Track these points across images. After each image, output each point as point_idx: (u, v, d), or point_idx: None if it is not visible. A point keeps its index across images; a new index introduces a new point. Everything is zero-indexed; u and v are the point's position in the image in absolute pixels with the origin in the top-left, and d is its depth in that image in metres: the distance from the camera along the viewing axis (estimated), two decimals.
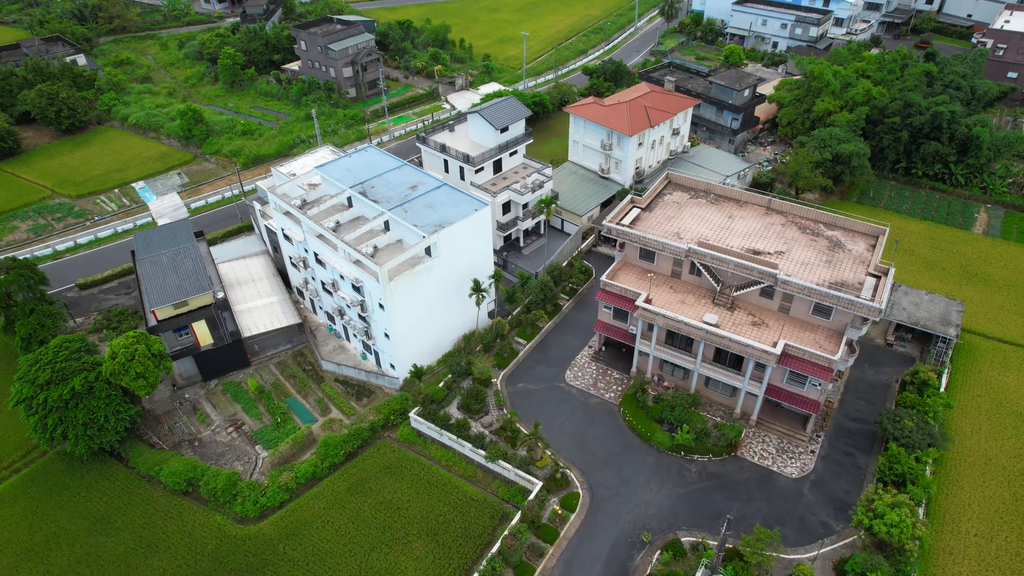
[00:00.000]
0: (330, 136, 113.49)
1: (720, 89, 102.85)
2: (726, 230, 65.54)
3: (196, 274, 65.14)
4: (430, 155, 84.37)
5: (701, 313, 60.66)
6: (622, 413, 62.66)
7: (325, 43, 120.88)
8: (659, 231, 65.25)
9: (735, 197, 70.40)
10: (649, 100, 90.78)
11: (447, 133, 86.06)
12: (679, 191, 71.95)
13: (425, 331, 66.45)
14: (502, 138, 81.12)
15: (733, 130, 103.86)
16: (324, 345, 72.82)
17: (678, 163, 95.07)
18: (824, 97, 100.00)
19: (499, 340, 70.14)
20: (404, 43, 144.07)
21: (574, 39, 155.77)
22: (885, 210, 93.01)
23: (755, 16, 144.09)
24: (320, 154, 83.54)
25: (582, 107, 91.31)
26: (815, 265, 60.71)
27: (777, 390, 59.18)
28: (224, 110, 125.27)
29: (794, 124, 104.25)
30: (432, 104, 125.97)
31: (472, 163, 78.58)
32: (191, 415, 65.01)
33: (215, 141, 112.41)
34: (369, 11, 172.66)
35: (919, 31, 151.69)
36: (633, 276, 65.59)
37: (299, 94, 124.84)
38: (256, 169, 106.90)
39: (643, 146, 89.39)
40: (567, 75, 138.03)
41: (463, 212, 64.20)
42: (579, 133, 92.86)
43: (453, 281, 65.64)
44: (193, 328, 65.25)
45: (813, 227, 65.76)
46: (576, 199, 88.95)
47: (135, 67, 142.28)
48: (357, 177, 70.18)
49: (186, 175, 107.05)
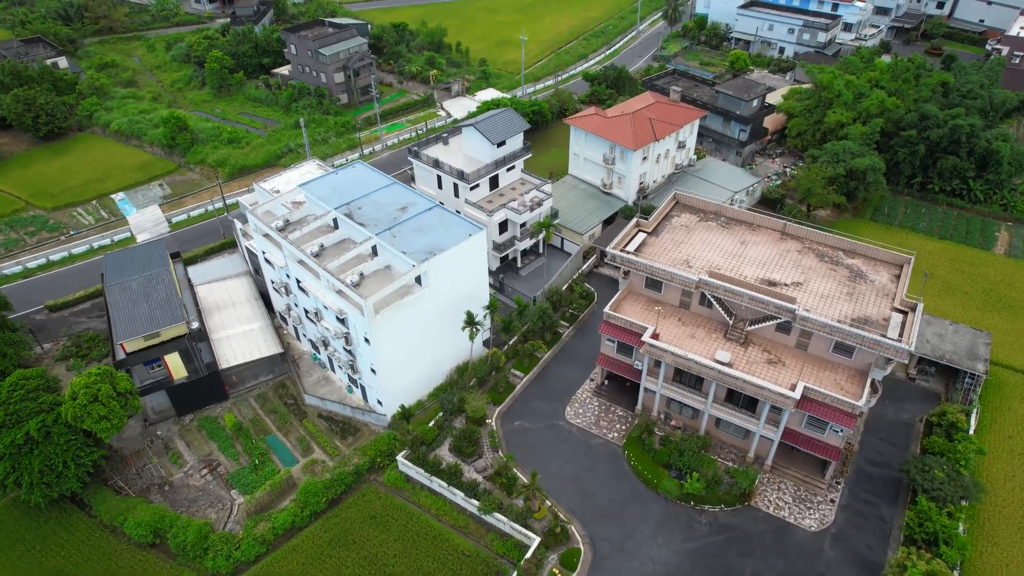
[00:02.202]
0: (320, 145, 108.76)
1: (727, 99, 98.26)
2: (739, 257, 61.01)
3: (169, 303, 60.47)
4: (422, 170, 79.75)
5: (713, 350, 56.15)
6: (627, 456, 58.16)
7: (315, 47, 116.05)
8: (667, 259, 60.72)
9: (747, 220, 65.85)
10: (654, 111, 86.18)
11: (440, 147, 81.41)
12: (687, 213, 67.39)
13: (415, 364, 61.91)
14: (499, 153, 76.52)
15: (741, 142, 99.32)
16: (308, 376, 68.21)
17: (684, 177, 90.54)
18: (836, 108, 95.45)
19: (494, 373, 65.60)
20: (399, 46, 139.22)
21: (574, 43, 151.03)
22: (901, 228, 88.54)
23: (761, 20, 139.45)
24: (306, 168, 78.88)
25: (583, 119, 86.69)
26: (836, 298, 56.22)
27: (795, 435, 54.72)
28: (211, 116, 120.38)
29: (804, 135, 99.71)
30: (427, 111, 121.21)
31: (467, 180, 73.97)
32: (162, 455, 60.37)
33: (200, 150, 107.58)
34: (363, 12, 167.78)
35: (930, 36, 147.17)
36: (639, 306, 61.07)
37: (289, 100, 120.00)
38: (242, 180, 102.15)
39: (647, 160, 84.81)
40: (567, 81, 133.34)
41: (456, 237, 59.60)
42: (580, 146, 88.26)
43: (445, 311, 61.07)
44: (165, 361, 60.60)
45: (832, 255, 61.25)
46: (577, 216, 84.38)
47: (120, 70, 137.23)
48: (343, 196, 65.53)
49: (169, 186, 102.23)
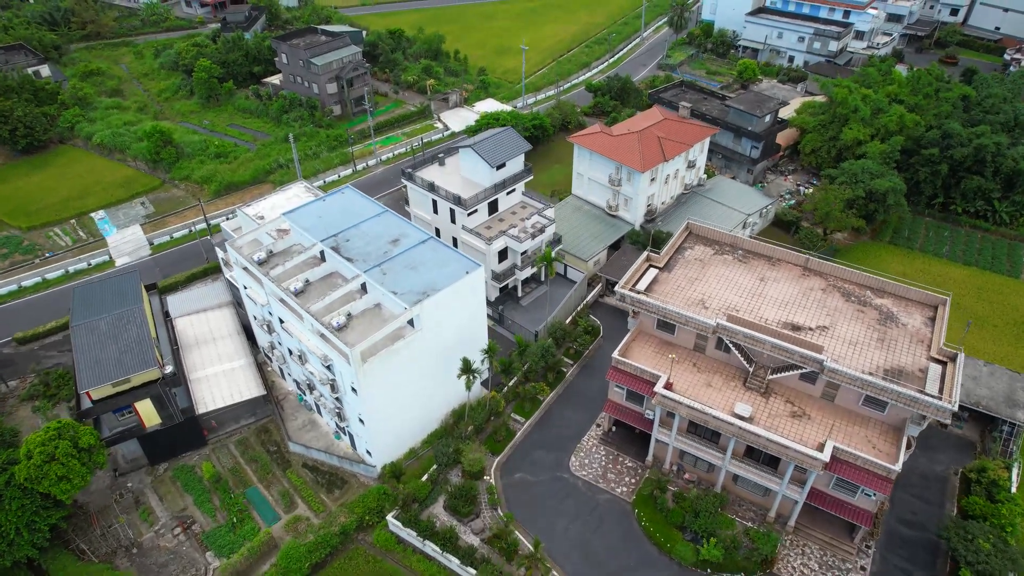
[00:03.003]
0: (311, 160, 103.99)
1: (738, 114, 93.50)
2: (758, 296, 56.30)
3: (140, 344, 55.68)
4: (417, 193, 74.97)
5: (731, 401, 51.45)
6: (637, 515, 53.42)
7: (307, 57, 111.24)
8: (681, 298, 55.99)
9: (766, 254, 61.11)
10: (662, 129, 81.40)
11: (436, 168, 76.61)
12: (701, 245, 62.67)
13: (407, 412, 57.17)
14: (498, 176, 71.76)
15: (752, 159, 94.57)
16: (292, 419, 63.48)
17: (693, 198, 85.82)
18: (852, 124, 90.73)
19: (493, 418, 60.87)
20: (395, 54, 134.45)
21: (576, 50, 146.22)
22: (922, 253, 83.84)
23: (770, 28, 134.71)
24: (292, 192, 74.06)
25: (587, 137, 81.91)
26: (865, 345, 51.51)
27: (822, 496, 50.04)
28: (198, 128, 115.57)
29: (819, 152, 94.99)
30: (423, 123, 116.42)
31: (464, 206, 69.20)
32: (132, 511, 55.59)
33: (185, 165, 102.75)
34: (359, 17, 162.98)
35: (944, 44, 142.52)
36: (650, 349, 56.34)
37: (279, 111, 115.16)
38: (229, 197, 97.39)
39: (656, 182, 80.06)
40: (569, 91, 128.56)
41: (452, 275, 54.84)
42: (584, 165, 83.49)
43: (440, 354, 56.31)
44: (136, 408, 55.84)
45: (859, 294, 56.53)
46: (581, 241, 79.63)
47: (105, 78, 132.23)
48: (330, 227, 60.71)
49: (152, 204, 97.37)
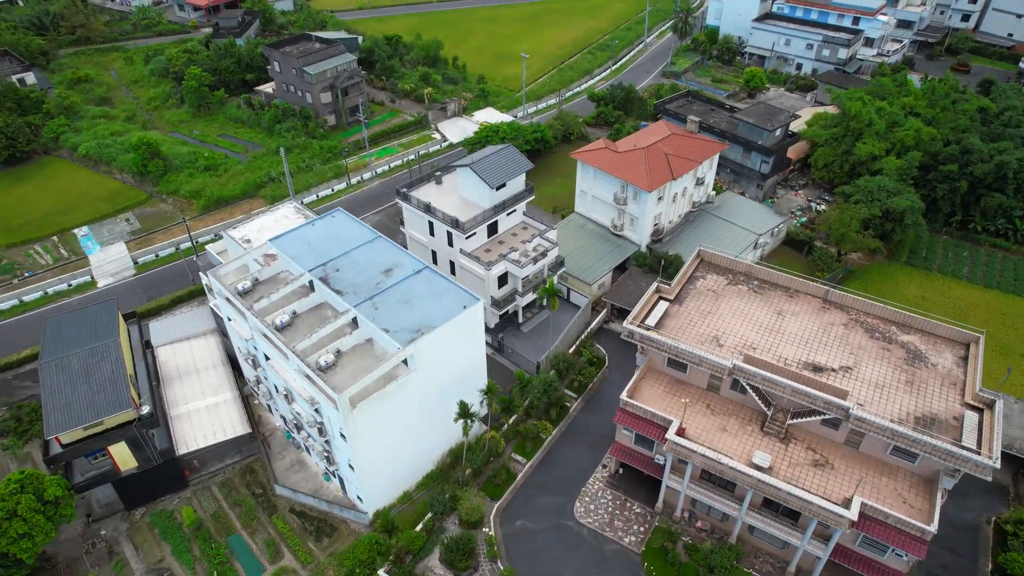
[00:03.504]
0: (304, 173, 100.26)
1: (748, 128, 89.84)
2: (775, 332, 52.66)
3: (114, 384, 51.94)
4: (412, 214, 71.28)
5: (748, 448, 47.82)
6: (647, 569, 49.78)
7: (300, 65, 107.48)
8: (693, 334, 52.35)
9: (783, 284, 57.48)
10: (670, 145, 77.75)
11: (432, 187, 72.90)
12: (714, 274, 59.01)
13: (400, 456, 53.51)
14: (498, 196, 68.09)
15: (763, 174, 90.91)
16: (279, 458, 59.83)
17: (702, 217, 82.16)
18: (867, 139, 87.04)
19: (492, 459, 57.22)
20: (392, 61, 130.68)
21: (578, 56, 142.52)
22: (941, 274, 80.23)
23: (777, 35, 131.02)
24: (282, 212, 70.36)
25: (591, 153, 78.23)
26: (893, 388, 47.89)
27: (847, 553, 46.43)
28: (188, 138, 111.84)
29: (831, 167, 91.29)
30: (420, 134, 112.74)
31: (462, 229, 65.51)
32: (105, 562, 51.91)
33: (173, 178, 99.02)
34: (356, 22, 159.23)
35: (955, 51, 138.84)
36: (660, 388, 52.72)
37: (272, 121, 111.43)
38: (218, 213, 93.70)
39: (663, 200, 76.42)
40: (571, 100, 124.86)
41: (448, 310, 51.17)
42: (587, 182, 79.83)
43: (436, 394, 52.65)
44: (110, 452, 52.16)
45: (883, 329, 52.91)
46: (585, 263, 75.99)
47: (94, 85, 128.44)
48: (319, 255, 57.02)
49: (138, 219, 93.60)
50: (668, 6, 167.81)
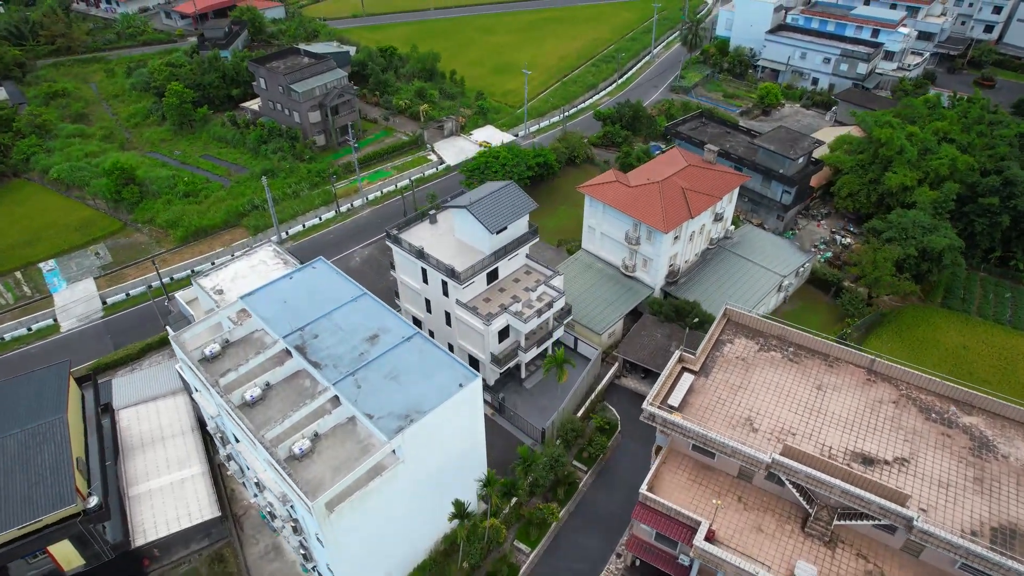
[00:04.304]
0: (290, 200, 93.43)
1: (769, 155, 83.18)
2: (816, 413, 46.00)
3: (57, 474, 45.16)
4: (404, 260, 64.52)
5: (788, 555, 41.16)
6: None
7: (287, 82, 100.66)
8: (722, 416, 45.68)
9: (821, 351, 50.80)
10: (686, 178, 71.07)
11: (426, 227, 66.17)
12: (743, 337, 52.31)
13: (387, 551, 46.81)
14: (498, 240, 61.40)
15: (784, 205, 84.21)
16: (253, 543, 53.14)
17: (720, 255, 75.49)
18: (897, 167, 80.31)
19: (493, 549, 50.51)
20: (386, 74, 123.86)
21: (581, 69, 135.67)
22: (981, 318, 73.59)
23: (793, 48, 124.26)
24: (259, 256, 63.49)
25: (601, 188, 71.49)
26: (959, 487, 41.24)
27: None
28: (168, 159, 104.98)
29: (856, 196, 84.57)
30: (416, 155, 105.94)
31: (459, 279, 58.80)
32: None
33: (150, 206, 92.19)
34: (349, 31, 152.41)
35: (978, 64, 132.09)
36: (684, 476, 46.05)
37: (257, 141, 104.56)
38: (197, 245, 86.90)
39: (679, 240, 69.74)
40: (575, 117, 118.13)
41: (443, 390, 44.41)
42: (596, 218, 73.13)
43: (428, 484, 45.90)
44: (51, 552, 45.44)
45: (941, 409, 46.26)
46: (594, 309, 69.31)
47: (71, 100, 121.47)
48: (296, 316, 50.28)
49: (110, 251, 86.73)
50: (675, 14, 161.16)
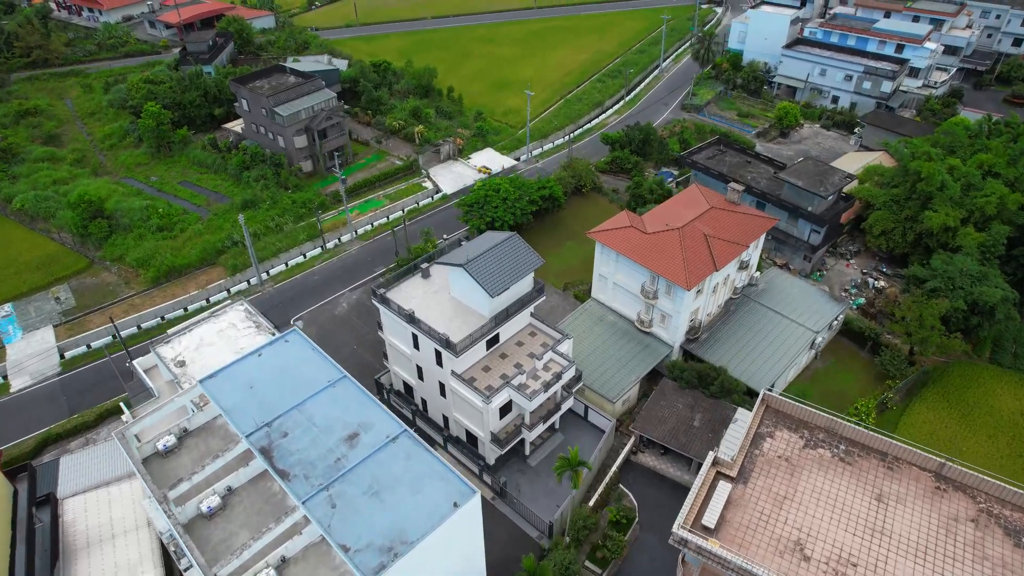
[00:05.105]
0: (273, 235, 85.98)
1: (795, 191, 75.83)
2: (879, 534, 38.60)
3: None
4: (392, 322, 57.08)
5: None
6: None
7: (270, 105, 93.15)
8: (767, 538, 38.26)
9: (878, 448, 43.44)
10: (710, 222, 63.67)
11: (418, 282, 58.69)
12: (784, 429, 44.91)
13: None
14: (500, 303, 54.03)
15: (812, 245, 76.83)
16: None
17: (746, 306, 68.10)
18: (939, 205, 72.91)
19: None
20: (379, 91, 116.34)
21: (586, 85, 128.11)
22: None
23: (811, 64, 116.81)
24: (228, 318, 56.14)
25: (613, 234, 64.02)
26: None
27: None
28: (144, 186, 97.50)
29: (891, 235, 77.19)
30: (410, 182, 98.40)
31: (455, 351, 51.39)
32: None
33: (120, 241, 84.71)
34: (341, 42, 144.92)
35: (1007, 80, 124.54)
36: None
37: (239, 167, 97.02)
38: (171, 287, 79.49)
39: (702, 293, 62.36)
40: (581, 138, 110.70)
41: (434, 510, 36.90)
42: (608, 267, 65.73)
43: None
44: None
45: None
46: (605, 370, 61.88)
47: (44, 118, 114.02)
48: (264, 407, 42.72)
49: (73, 294, 79.28)
50: (683, 24, 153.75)
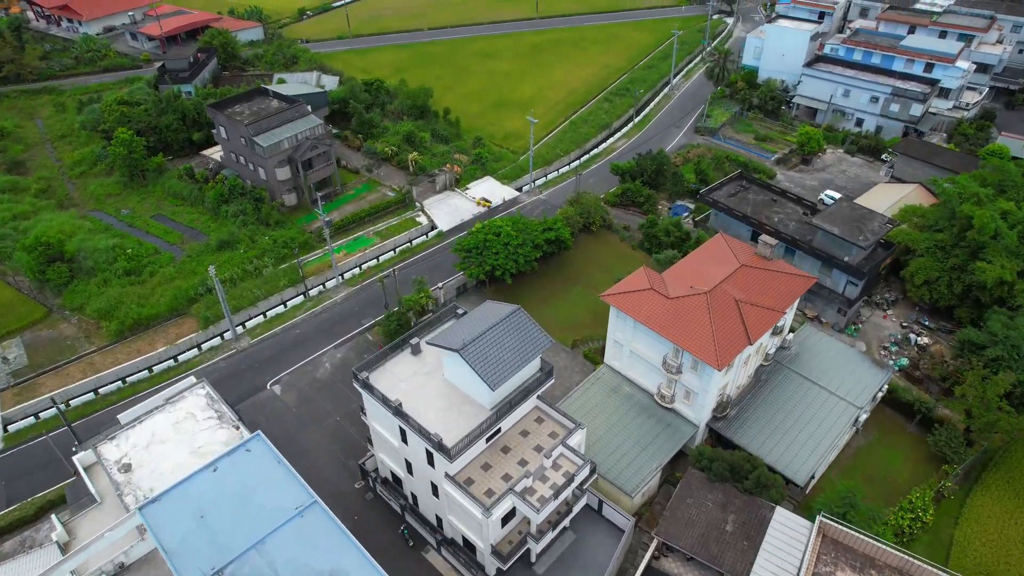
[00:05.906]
0: (251, 280, 78.03)
1: (830, 239, 68.03)
2: None
3: None
4: (377, 412, 49.11)
5: None
6: None
7: (250, 134, 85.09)
8: None
9: None
10: (740, 285, 55.73)
11: (406, 359, 50.72)
12: (846, 568, 37.00)
13: None
14: (501, 393, 46.17)
15: (848, 299, 69.02)
16: None
17: (778, 374, 60.20)
18: (993, 255, 65.08)
19: None
20: (371, 113, 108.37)
21: (592, 104, 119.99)
22: None
23: (834, 84, 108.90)
24: (185, 405, 48.24)
25: (630, 298, 56.02)
26: None
27: None
28: (113, 220, 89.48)
29: (935, 286, 69.42)
30: (403, 217, 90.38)
31: (449, 455, 43.48)
32: None
33: (82, 287, 76.79)
34: (332, 56, 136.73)
35: None
36: None
37: (216, 201, 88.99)
38: (136, 341, 71.61)
39: (733, 367, 54.49)
40: (589, 164, 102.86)
41: None
42: (624, 333, 57.79)
43: None
44: None
45: None
46: (622, 458, 53.88)
47: (10, 142, 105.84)
48: (216, 546, 35.00)
49: (26, 350, 71.29)
50: (692, 36, 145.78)
